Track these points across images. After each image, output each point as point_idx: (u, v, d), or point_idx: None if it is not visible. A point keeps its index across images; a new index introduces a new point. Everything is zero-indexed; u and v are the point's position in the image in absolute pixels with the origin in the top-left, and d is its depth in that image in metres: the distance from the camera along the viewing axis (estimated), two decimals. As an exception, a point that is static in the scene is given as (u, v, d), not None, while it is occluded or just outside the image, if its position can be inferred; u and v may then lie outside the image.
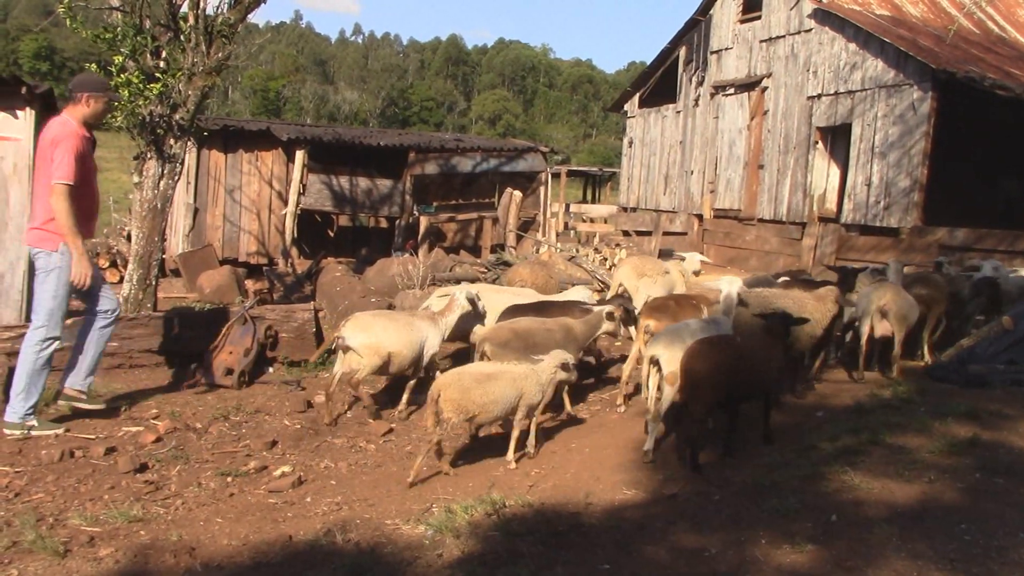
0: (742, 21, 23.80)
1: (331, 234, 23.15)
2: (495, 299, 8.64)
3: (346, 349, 7.30)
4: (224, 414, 7.26)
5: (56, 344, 6.66)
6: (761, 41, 22.96)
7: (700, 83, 25.40)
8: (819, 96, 20.85)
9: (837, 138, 20.82)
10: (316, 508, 5.37)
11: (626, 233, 25.85)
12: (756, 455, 5.90)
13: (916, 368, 8.59)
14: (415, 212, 20.84)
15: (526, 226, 22.06)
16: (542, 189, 23.14)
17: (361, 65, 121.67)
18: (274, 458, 6.39)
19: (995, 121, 21.46)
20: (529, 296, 9.09)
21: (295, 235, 19.57)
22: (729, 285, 7.08)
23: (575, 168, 43.13)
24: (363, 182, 20.75)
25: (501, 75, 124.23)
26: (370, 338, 7.28)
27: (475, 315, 8.09)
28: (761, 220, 22.67)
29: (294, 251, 19.22)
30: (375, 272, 14.19)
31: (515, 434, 6.22)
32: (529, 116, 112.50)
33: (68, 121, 6.73)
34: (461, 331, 8.21)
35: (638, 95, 28.85)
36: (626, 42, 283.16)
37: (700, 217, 24.90)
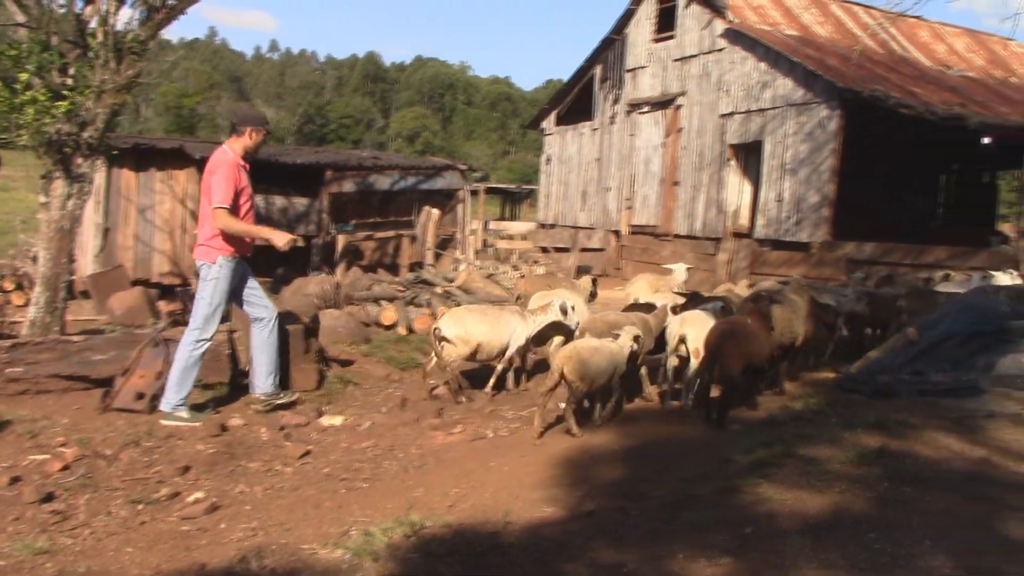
0: (656, 40, 24.21)
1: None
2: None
3: (442, 339, 8.34)
4: (135, 439, 7.05)
5: (207, 345, 7.74)
6: (675, 60, 23.38)
7: (616, 101, 25.75)
8: (732, 114, 21.30)
9: (750, 155, 21.29)
10: (231, 534, 5.24)
11: (544, 250, 26.06)
12: (673, 469, 5.97)
13: (827, 380, 8.82)
14: (332, 231, 20.68)
15: (445, 244, 22.05)
16: (460, 207, 23.16)
17: (278, 82, 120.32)
18: (187, 484, 6.22)
19: (900, 140, 22.19)
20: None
21: (210, 255, 19.21)
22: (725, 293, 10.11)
23: (494, 185, 43.47)
24: (279, 200, 20.51)
25: (420, 92, 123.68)
26: (462, 330, 8.36)
27: (563, 326, 8.93)
28: (677, 236, 23.04)
29: (209, 271, 18.86)
30: (291, 291, 13.97)
31: (616, 396, 7.48)
32: (448, 133, 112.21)
33: (227, 151, 7.66)
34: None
35: (555, 112, 29.14)
36: (544, 60, 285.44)
37: (618, 233, 25.19)
